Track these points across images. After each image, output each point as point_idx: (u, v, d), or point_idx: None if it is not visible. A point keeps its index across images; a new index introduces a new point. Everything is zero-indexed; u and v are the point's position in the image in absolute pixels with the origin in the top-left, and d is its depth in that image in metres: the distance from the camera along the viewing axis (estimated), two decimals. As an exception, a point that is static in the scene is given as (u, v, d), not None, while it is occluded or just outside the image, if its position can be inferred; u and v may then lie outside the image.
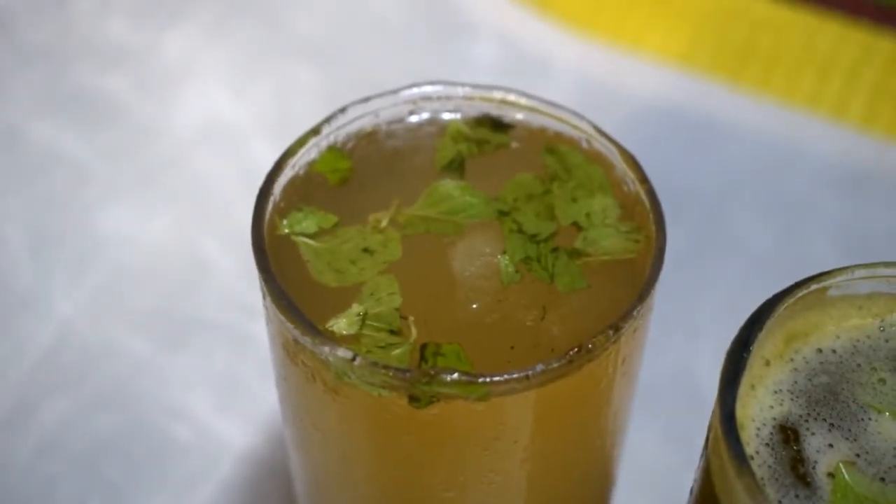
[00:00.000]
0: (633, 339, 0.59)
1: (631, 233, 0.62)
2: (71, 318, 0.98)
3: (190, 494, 0.90)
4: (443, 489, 0.60)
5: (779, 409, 0.58)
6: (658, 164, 1.11)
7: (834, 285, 0.60)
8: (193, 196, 1.07)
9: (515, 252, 0.61)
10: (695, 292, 1.02)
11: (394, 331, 0.58)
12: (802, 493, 0.55)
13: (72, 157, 1.08)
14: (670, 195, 1.08)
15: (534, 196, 0.64)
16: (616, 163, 0.64)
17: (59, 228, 1.04)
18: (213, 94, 1.13)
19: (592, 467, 0.66)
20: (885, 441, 0.57)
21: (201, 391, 0.96)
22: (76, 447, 0.91)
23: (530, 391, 0.56)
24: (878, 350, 0.60)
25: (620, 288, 0.60)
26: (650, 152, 1.11)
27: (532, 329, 0.59)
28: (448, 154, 0.65)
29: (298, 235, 0.62)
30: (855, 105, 1.14)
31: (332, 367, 0.56)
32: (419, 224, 0.63)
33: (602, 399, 0.60)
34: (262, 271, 0.58)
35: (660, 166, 1.11)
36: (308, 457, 0.66)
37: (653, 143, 1.13)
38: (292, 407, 0.64)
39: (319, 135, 0.65)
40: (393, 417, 0.57)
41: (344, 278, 0.60)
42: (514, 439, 0.58)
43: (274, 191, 0.62)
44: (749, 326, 0.58)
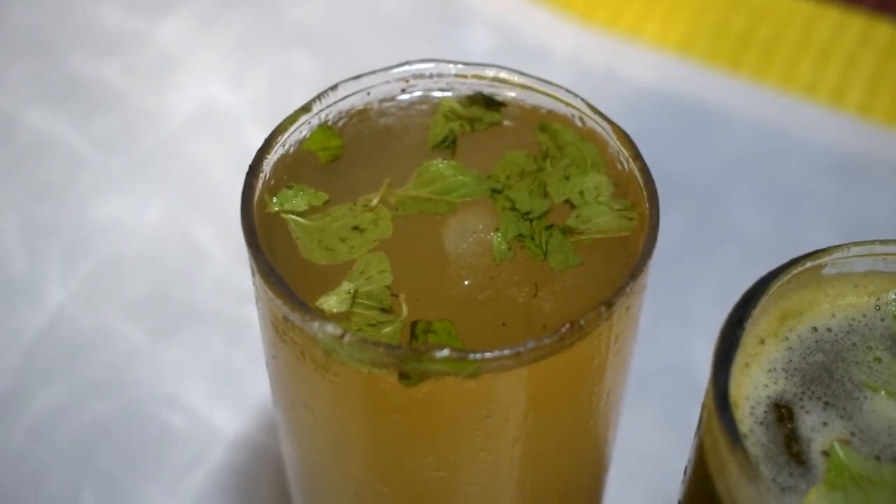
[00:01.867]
0: (625, 316, 0.58)
1: (624, 210, 0.61)
2: (64, 306, 0.98)
3: (183, 481, 0.90)
4: (434, 468, 0.60)
5: (773, 387, 0.58)
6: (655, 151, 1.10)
7: (829, 263, 0.60)
8: (187, 183, 1.06)
9: (508, 229, 0.61)
10: (691, 278, 1.01)
11: (384, 309, 0.58)
12: (797, 471, 0.55)
13: (66, 144, 1.08)
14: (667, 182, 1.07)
15: (527, 174, 0.63)
16: (609, 140, 0.63)
17: (52, 216, 1.03)
18: (208, 82, 1.13)
19: (585, 448, 0.65)
20: (880, 420, 0.57)
21: (194, 378, 0.95)
22: (69, 434, 0.91)
23: (522, 368, 0.55)
24: (873, 329, 0.60)
25: (613, 266, 0.59)
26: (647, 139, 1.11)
27: (524, 306, 0.58)
28: (440, 132, 0.65)
29: (288, 213, 0.61)
30: (853, 92, 1.14)
31: (321, 344, 0.56)
32: (411, 205, 0.62)
33: (595, 377, 0.60)
34: (251, 248, 0.58)
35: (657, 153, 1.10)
36: (298, 438, 0.65)
37: (650, 129, 1.12)
38: (282, 386, 0.63)
39: (310, 112, 0.64)
40: (383, 395, 0.57)
41: (334, 256, 0.60)
42: (505, 417, 0.58)
43: (264, 168, 0.61)
44: (743, 304, 0.57)
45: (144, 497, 0.89)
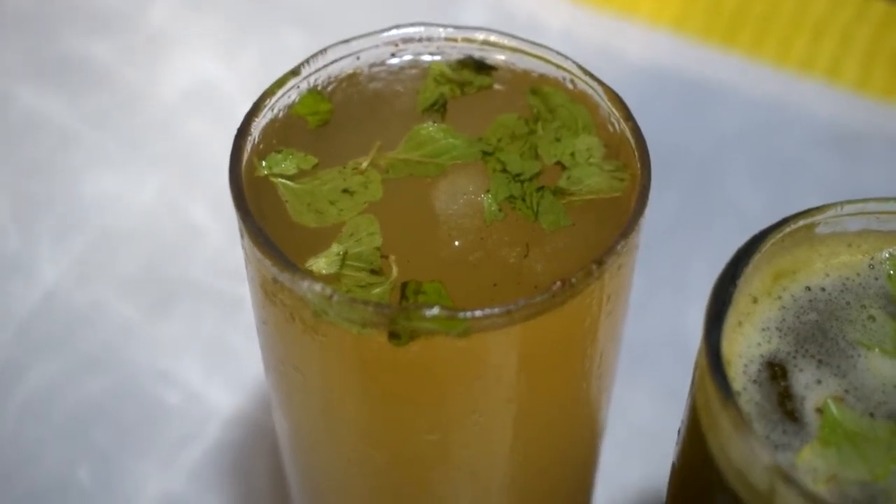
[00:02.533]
0: (617, 276, 0.58)
1: (616, 171, 0.61)
2: (57, 283, 0.98)
3: (178, 457, 0.89)
4: (426, 431, 0.59)
5: (766, 346, 0.57)
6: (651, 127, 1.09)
7: (823, 222, 0.59)
8: (180, 161, 1.06)
9: (499, 191, 0.60)
10: (686, 252, 1.01)
11: (374, 270, 0.57)
12: (790, 428, 0.54)
13: (58, 122, 1.08)
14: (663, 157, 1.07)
15: (518, 136, 0.63)
16: (601, 102, 0.63)
17: (45, 193, 1.03)
18: (201, 59, 1.12)
19: (579, 412, 0.65)
20: (874, 377, 0.56)
21: (189, 355, 0.95)
22: (63, 411, 0.91)
23: (513, 327, 0.55)
24: (868, 288, 0.59)
25: (605, 226, 0.59)
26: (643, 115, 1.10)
27: (515, 267, 0.58)
28: (430, 96, 0.64)
29: (277, 177, 0.61)
30: (849, 66, 1.13)
31: (310, 304, 0.55)
32: (401, 167, 0.62)
33: (587, 339, 0.59)
34: (239, 210, 0.57)
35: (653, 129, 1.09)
36: (290, 403, 0.65)
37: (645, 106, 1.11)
38: (273, 351, 0.63)
39: (299, 76, 0.64)
40: (373, 356, 0.56)
41: (323, 219, 0.59)
42: (496, 378, 0.57)
43: (252, 131, 0.61)
44: (735, 262, 0.57)
45: (139, 473, 0.88)
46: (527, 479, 0.66)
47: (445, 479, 0.63)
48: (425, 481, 0.63)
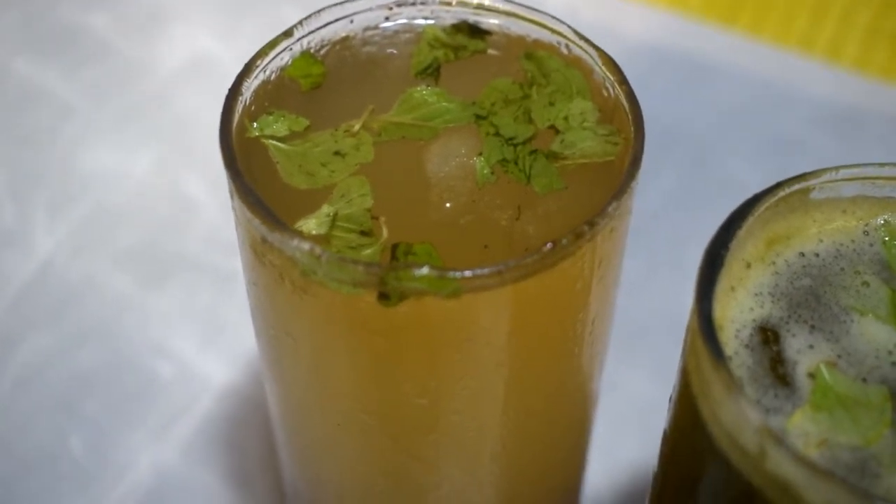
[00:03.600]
0: (609, 240, 0.57)
1: (609, 135, 0.60)
2: (53, 256, 0.97)
3: (170, 429, 0.89)
4: (416, 395, 0.59)
5: (759, 311, 0.57)
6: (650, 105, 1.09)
7: (817, 187, 0.59)
8: (177, 134, 1.06)
9: (492, 154, 0.60)
10: (685, 231, 1.00)
11: (364, 231, 0.57)
12: (781, 392, 0.54)
13: (54, 94, 1.07)
14: (663, 135, 1.07)
15: (512, 101, 0.62)
16: (595, 67, 0.62)
17: (41, 166, 1.03)
18: (199, 33, 1.12)
19: (571, 380, 0.64)
20: (867, 343, 0.56)
21: (183, 328, 0.95)
22: (57, 383, 0.90)
23: (503, 288, 0.54)
24: (862, 254, 0.59)
25: (598, 190, 0.59)
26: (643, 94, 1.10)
27: (507, 229, 0.57)
28: (424, 60, 0.64)
29: (268, 138, 0.61)
30: (849, 46, 1.13)
31: (299, 264, 0.55)
32: (394, 130, 0.62)
33: (578, 303, 0.59)
34: (229, 170, 0.57)
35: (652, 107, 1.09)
36: (281, 368, 0.64)
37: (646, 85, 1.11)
38: (263, 315, 0.62)
39: (292, 37, 0.63)
40: (363, 317, 0.56)
41: (314, 181, 0.59)
42: (486, 341, 0.57)
43: (243, 92, 0.61)
44: (727, 226, 0.56)
45: (132, 445, 0.88)
46: (518, 446, 0.66)
47: (436, 445, 0.63)
48: (416, 447, 0.63)
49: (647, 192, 1.03)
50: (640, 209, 1.03)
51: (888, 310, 0.57)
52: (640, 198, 1.03)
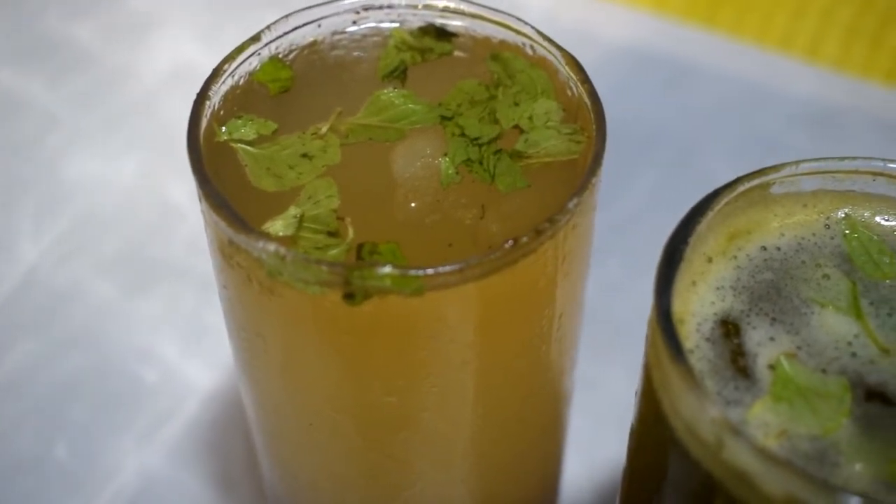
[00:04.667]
0: (572, 236, 0.58)
1: (573, 134, 0.61)
2: (38, 263, 0.98)
3: (155, 434, 0.90)
4: (384, 393, 0.60)
5: (720, 304, 0.57)
6: (632, 106, 1.10)
7: (777, 181, 0.60)
8: (161, 142, 1.06)
9: (457, 154, 0.60)
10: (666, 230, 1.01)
11: (331, 232, 0.58)
12: (742, 384, 0.55)
13: (38, 102, 1.08)
14: (644, 136, 1.08)
15: (477, 102, 0.63)
16: (560, 67, 0.63)
17: (26, 174, 1.03)
18: (182, 40, 1.13)
19: (540, 377, 0.65)
20: (827, 334, 0.56)
21: (168, 334, 0.95)
22: (42, 389, 0.91)
23: (466, 286, 0.55)
24: (823, 247, 0.60)
25: (562, 188, 0.59)
26: (624, 95, 1.11)
27: (471, 228, 0.58)
28: (391, 62, 0.65)
29: (237, 142, 0.61)
30: (829, 45, 1.13)
31: (265, 265, 0.56)
32: (361, 132, 0.62)
33: (543, 300, 0.60)
34: (196, 173, 0.58)
35: (634, 108, 1.10)
36: (253, 369, 0.65)
37: (626, 86, 1.13)
38: (233, 316, 0.63)
39: (260, 42, 0.64)
40: (329, 316, 0.57)
41: (282, 183, 0.60)
42: (451, 338, 0.57)
43: (211, 96, 0.61)
44: (686, 221, 0.57)
45: (117, 450, 0.89)
46: (491, 444, 0.66)
47: (408, 443, 0.63)
48: (388, 445, 0.64)
49: (629, 192, 1.04)
50: (621, 209, 1.04)
51: (848, 301, 0.57)
52: (622, 198, 1.05)
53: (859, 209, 0.61)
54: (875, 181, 0.60)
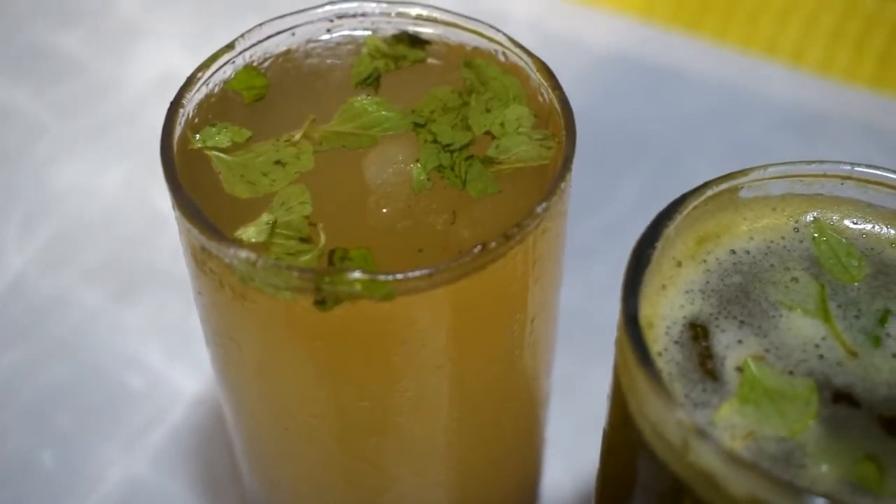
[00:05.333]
0: (542, 241, 0.58)
1: (544, 140, 0.62)
2: (23, 271, 0.98)
3: (141, 441, 0.90)
4: (358, 398, 0.60)
5: (689, 307, 0.58)
6: (618, 113, 1.11)
7: (746, 185, 0.60)
8: (147, 151, 1.06)
9: (429, 160, 0.61)
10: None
11: (303, 238, 0.58)
12: (710, 387, 0.55)
13: (25, 111, 1.09)
14: (629, 142, 1.08)
15: (450, 108, 0.64)
16: (531, 73, 0.64)
17: (12, 182, 1.04)
18: (168, 50, 1.13)
19: (514, 382, 0.65)
20: (794, 337, 0.57)
21: (153, 341, 0.96)
22: (28, 397, 0.91)
23: (436, 290, 0.56)
24: (792, 251, 0.60)
25: (533, 194, 0.60)
26: (609, 101, 1.12)
27: (442, 233, 0.59)
28: (364, 70, 0.65)
29: (211, 150, 0.62)
30: (813, 50, 1.14)
31: (236, 271, 0.56)
32: (334, 139, 0.63)
33: (514, 304, 0.60)
34: (169, 180, 0.58)
35: (619, 115, 1.11)
36: (229, 375, 0.65)
37: (612, 92, 1.13)
38: (208, 322, 0.64)
39: (234, 50, 0.65)
40: (300, 322, 0.57)
41: (256, 189, 0.60)
42: (423, 343, 0.58)
43: (184, 104, 0.62)
44: (654, 226, 0.58)
45: (103, 457, 0.89)
46: (466, 449, 0.67)
47: (383, 448, 0.64)
48: (364, 450, 0.64)
49: (616, 197, 1.04)
50: (608, 214, 1.05)
51: (816, 304, 0.58)
52: (608, 202, 1.05)
53: (828, 213, 0.61)
54: (843, 185, 0.60)
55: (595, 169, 1.02)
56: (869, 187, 0.60)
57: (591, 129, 0.86)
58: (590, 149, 0.85)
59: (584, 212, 0.99)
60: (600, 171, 1.04)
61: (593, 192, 1.03)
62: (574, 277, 0.83)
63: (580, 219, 0.94)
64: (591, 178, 1.00)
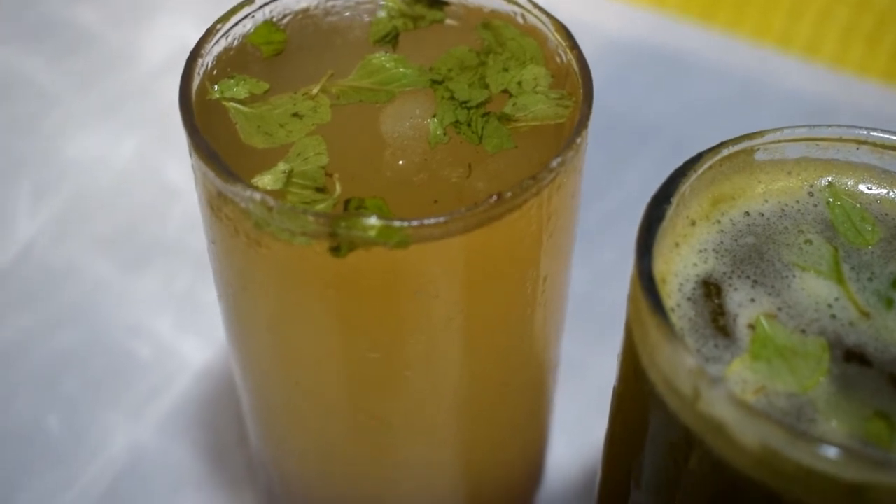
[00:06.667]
0: (557, 195, 0.58)
1: (560, 99, 0.62)
2: (34, 238, 0.99)
3: (147, 408, 0.90)
4: (369, 349, 0.60)
5: (703, 266, 0.58)
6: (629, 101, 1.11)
7: (761, 147, 0.60)
8: (160, 123, 1.07)
9: (445, 116, 0.61)
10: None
11: (319, 188, 0.58)
12: (722, 343, 0.55)
13: (39, 82, 1.09)
14: (639, 129, 1.08)
15: (468, 68, 0.64)
16: (549, 35, 0.64)
17: (24, 152, 1.04)
18: (182, 24, 1.14)
19: (524, 342, 0.65)
20: (807, 297, 0.57)
21: (161, 311, 0.96)
22: (35, 362, 0.92)
23: (451, 239, 0.56)
24: (806, 214, 0.60)
25: (548, 151, 0.60)
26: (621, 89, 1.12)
27: (457, 186, 0.59)
28: (383, 28, 0.66)
29: (229, 100, 0.62)
30: (826, 43, 1.14)
31: (252, 215, 0.56)
32: (352, 94, 0.63)
33: (528, 259, 0.60)
34: (187, 126, 0.59)
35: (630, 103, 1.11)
36: (240, 327, 0.65)
37: (624, 80, 1.13)
38: (221, 273, 0.64)
39: (254, 5, 0.65)
40: (314, 269, 0.57)
41: (272, 140, 0.60)
42: (435, 293, 0.58)
43: (204, 54, 0.62)
44: (669, 182, 0.58)
45: (108, 423, 0.89)
46: (475, 410, 0.67)
47: (392, 404, 0.64)
48: (373, 406, 0.64)
49: (623, 185, 1.04)
50: (618, 201, 1.05)
51: (830, 266, 0.58)
52: (616, 190, 1.05)
53: (842, 178, 0.61)
54: (858, 150, 0.61)
55: (604, 156, 1.02)
56: (885, 153, 0.60)
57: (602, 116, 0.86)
58: (599, 136, 0.86)
59: (592, 198, 0.99)
60: (609, 158, 1.04)
61: (601, 179, 1.03)
62: (581, 264, 0.83)
63: (588, 205, 0.94)
64: (599, 166, 1.00)
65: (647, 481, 0.58)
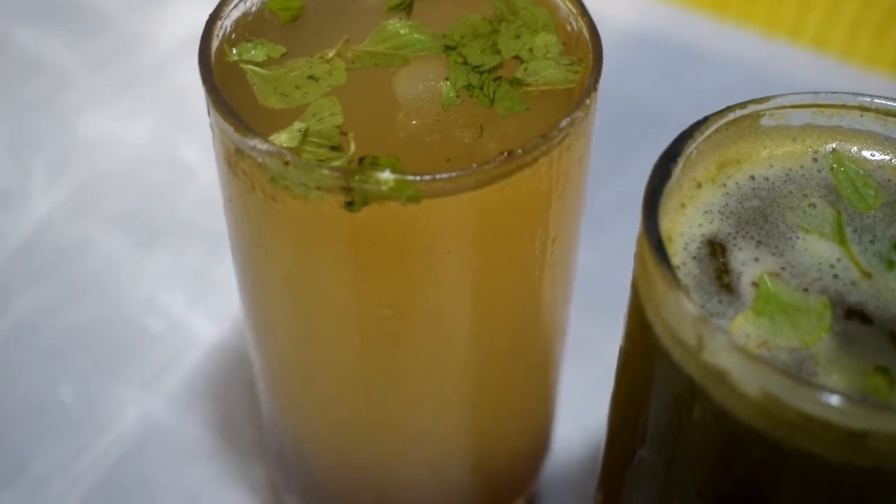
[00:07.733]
0: (567, 156, 0.60)
1: (571, 65, 0.63)
2: (49, 216, 1.00)
3: (158, 382, 0.92)
4: (381, 306, 0.62)
5: (708, 226, 0.59)
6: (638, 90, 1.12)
7: (767, 113, 0.61)
8: (175, 104, 1.09)
9: (458, 79, 0.62)
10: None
11: (334, 147, 0.60)
12: (726, 299, 0.56)
13: (56, 62, 1.11)
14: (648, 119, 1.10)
15: (480, 34, 0.65)
16: (561, 4, 0.65)
17: (41, 131, 1.06)
18: (198, 7, 1.15)
19: (532, 304, 0.66)
20: (811, 257, 0.58)
21: (174, 287, 0.97)
22: (49, 336, 0.93)
23: (462, 195, 0.57)
24: (810, 179, 0.61)
25: (559, 114, 0.61)
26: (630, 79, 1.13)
27: (469, 146, 0.60)
28: (397, -5, 0.67)
29: (246, 63, 0.63)
30: (835, 35, 1.15)
31: (268, 170, 0.57)
32: (366, 58, 0.64)
33: (537, 218, 0.61)
34: (206, 84, 0.60)
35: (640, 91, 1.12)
36: (255, 286, 0.67)
37: (633, 69, 1.15)
38: (236, 230, 0.65)
39: (273, -31, 0.66)
40: (328, 224, 0.58)
41: (288, 101, 0.62)
42: (447, 249, 0.59)
43: (223, 17, 0.64)
44: (677, 142, 0.59)
45: (120, 395, 0.91)
46: (483, 373, 0.68)
47: (403, 362, 0.65)
48: (382, 363, 0.65)
49: (630, 174, 1.06)
50: (626, 189, 1.06)
51: (832, 228, 0.59)
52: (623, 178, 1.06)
53: (847, 144, 0.62)
54: (863, 117, 0.62)
55: (612, 144, 1.04)
56: (889, 120, 0.61)
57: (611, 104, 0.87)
58: (608, 124, 0.87)
59: (600, 184, 1.01)
60: (617, 146, 1.06)
61: (609, 166, 1.04)
62: (589, 247, 0.84)
63: (596, 191, 0.95)
64: (608, 153, 1.01)
65: (652, 436, 0.59)
